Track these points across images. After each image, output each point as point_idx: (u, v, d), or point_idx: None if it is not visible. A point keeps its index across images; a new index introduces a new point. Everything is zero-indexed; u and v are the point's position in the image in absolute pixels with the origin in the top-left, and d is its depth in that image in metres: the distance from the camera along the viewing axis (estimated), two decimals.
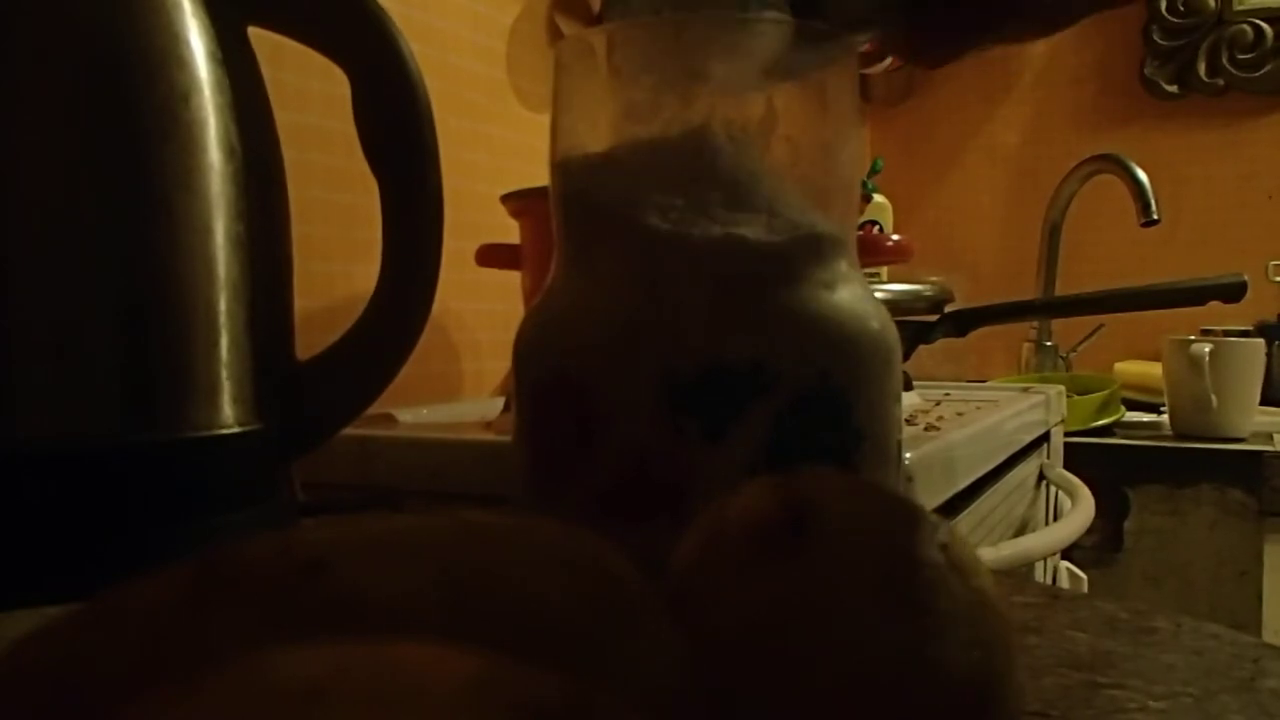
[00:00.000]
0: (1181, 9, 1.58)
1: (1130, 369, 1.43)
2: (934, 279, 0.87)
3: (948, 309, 0.85)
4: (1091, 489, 0.86)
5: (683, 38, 0.29)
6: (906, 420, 0.60)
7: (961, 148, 1.75)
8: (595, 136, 0.30)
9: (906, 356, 0.74)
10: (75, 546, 0.30)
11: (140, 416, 0.31)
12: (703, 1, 0.30)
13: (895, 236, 0.80)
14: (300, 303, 0.40)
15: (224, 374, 0.33)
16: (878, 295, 0.31)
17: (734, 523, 0.19)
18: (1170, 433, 1.20)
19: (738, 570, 0.18)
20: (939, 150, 1.76)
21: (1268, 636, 1.03)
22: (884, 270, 0.91)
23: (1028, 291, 1.49)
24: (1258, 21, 1.54)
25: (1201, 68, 1.56)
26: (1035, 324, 1.48)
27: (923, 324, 0.83)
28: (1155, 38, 1.59)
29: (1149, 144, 1.52)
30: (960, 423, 0.61)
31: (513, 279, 0.68)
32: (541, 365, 0.29)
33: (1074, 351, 1.47)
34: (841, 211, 0.30)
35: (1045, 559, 0.83)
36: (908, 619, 0.17)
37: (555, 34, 0.97)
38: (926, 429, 0.58)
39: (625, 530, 0.26)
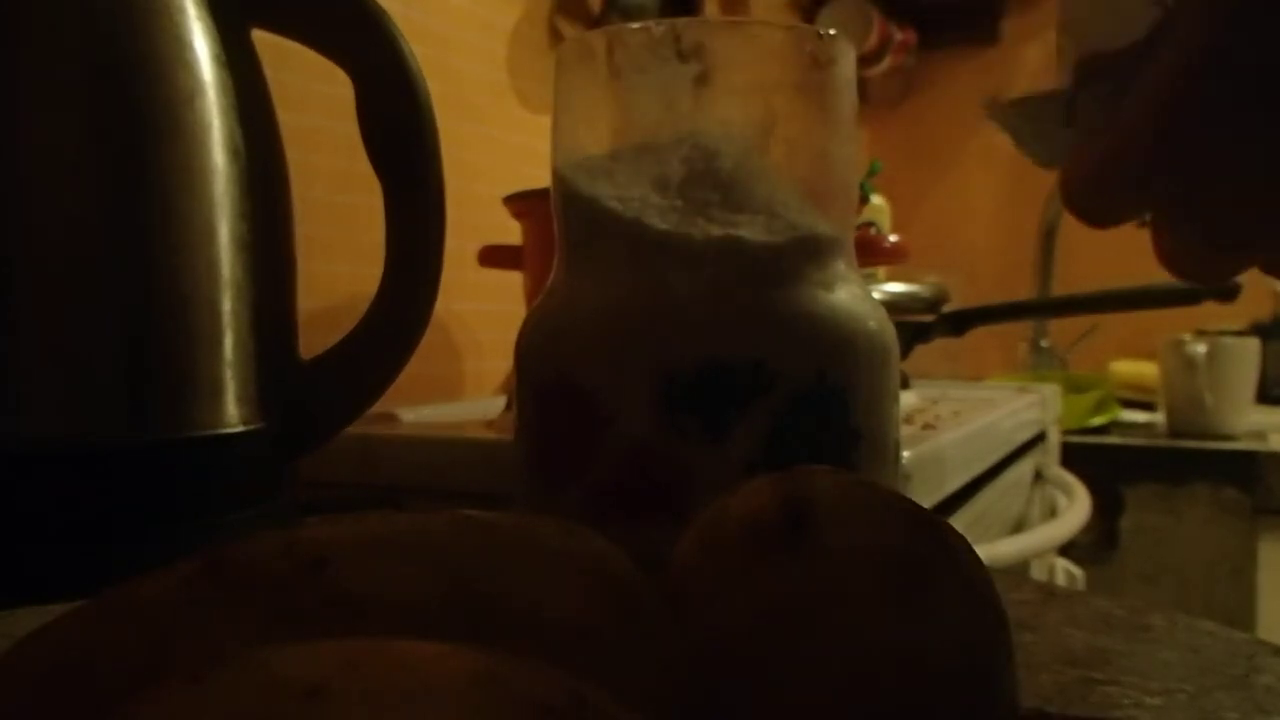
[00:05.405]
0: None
1: (1126, 368, 1.43)
2: (931, 279, 0.87)
3: (945, 309, 0.86)
4: (1087, 487, 0.86)
5: (682, 40, 0.29)
6: (904, 419, 0.61)
7: (959, 149, 1.75)
8: (596, 138, 0.30)
9: (904, 356, 0.75)
10: (79, 545, 0.30)
11: (144, 416, 0.32)
12: None
13: (893, 237, 0.80)
14: (303, 303, 0.40)
15: (227, 374, 0.33)
16: (875, 295, 0.31)
17: (733, 522, 0.19)
18: (1165, 432, 1.21)
19: (737, 569, 0.18)
20: (936, 152, 1.76)
21: (1262, 633, 1.03)
22: (881, 270, 0.91)
23: (1024, 292, 1.49)
24: None
25: None
26: (1031, 324, 1.48)
27: (920, 324, 0.83)
28: None
29: None
30: (957, 422, 0.61)
31: (514, 279, 0.68)
32: (542, 365, 0.29)
33: (1070, 351, 1.47)
34: (839, 212, 0.30)
35: (1041, 556, 0.83)
36: (905, 617, 0.17)
37: (556, 36, 0.97)
38: (924, 428, 0.58)
39: (625, 529, 0.26)
